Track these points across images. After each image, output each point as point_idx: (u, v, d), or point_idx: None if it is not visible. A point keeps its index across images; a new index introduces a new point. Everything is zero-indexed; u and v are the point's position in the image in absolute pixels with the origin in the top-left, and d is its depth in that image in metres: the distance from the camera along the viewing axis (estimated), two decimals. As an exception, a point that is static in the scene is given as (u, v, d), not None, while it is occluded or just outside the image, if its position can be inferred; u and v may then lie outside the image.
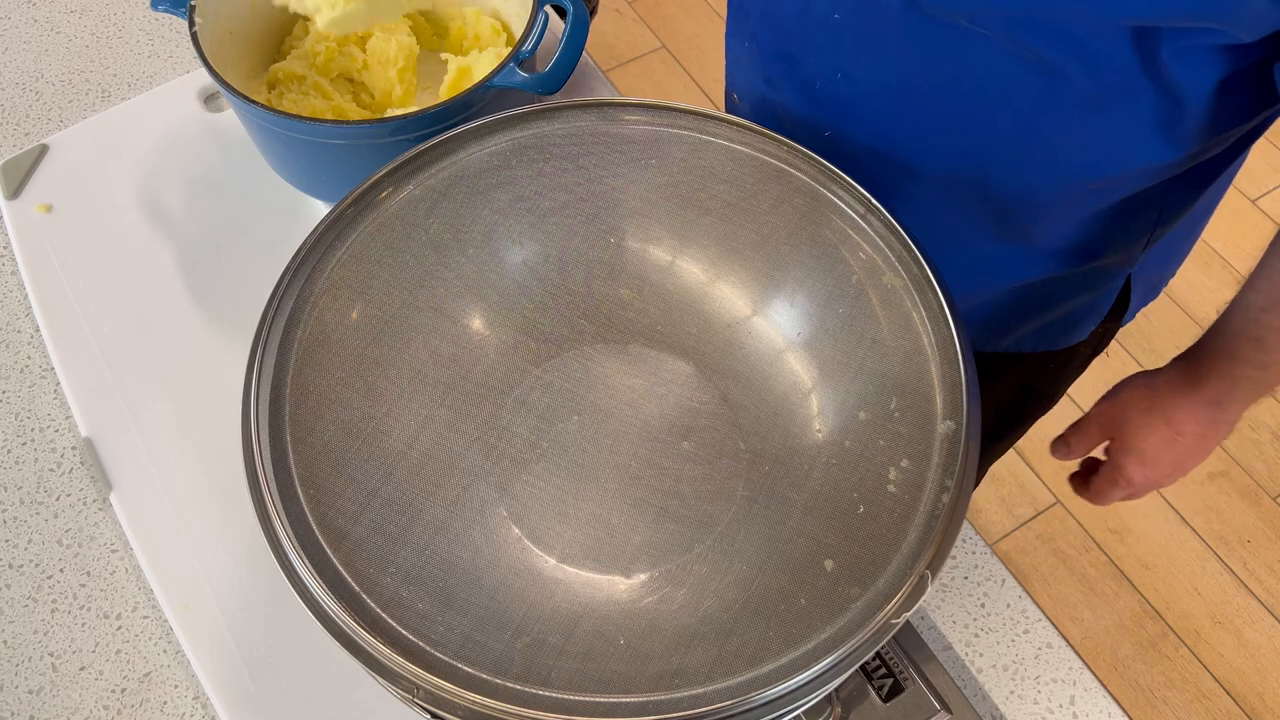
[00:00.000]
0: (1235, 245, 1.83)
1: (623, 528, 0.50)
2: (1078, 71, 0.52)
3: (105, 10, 0.94)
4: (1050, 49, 0.52)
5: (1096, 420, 0.67)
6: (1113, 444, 0.67)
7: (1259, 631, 1.48)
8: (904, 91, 0.59)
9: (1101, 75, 0.52)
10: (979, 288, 0.71)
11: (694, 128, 0.59)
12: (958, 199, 0.64)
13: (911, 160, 0.62)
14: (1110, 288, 0.73)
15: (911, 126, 0.61)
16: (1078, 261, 0.68)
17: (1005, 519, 1.58)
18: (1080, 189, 0.61)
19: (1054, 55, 0.52)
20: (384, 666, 0.43)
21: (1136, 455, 0.65)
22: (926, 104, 0.59)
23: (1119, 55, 0.51)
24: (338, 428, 0.50)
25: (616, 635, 0.46)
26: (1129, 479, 0.66)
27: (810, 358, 0.54)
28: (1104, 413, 0.67)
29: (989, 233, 0.66)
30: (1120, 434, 0.66)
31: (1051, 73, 0.53)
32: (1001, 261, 0.69)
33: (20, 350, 0.75)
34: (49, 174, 0.81)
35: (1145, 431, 0.64)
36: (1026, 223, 0.65)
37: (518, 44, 0.65)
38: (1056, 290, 0.72)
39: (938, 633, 0.64)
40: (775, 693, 0.43)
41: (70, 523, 0.68)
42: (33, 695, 0.62)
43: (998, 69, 0.54)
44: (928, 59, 0.56)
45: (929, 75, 0.57)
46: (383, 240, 0.56)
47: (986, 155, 0.60)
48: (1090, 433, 0.68)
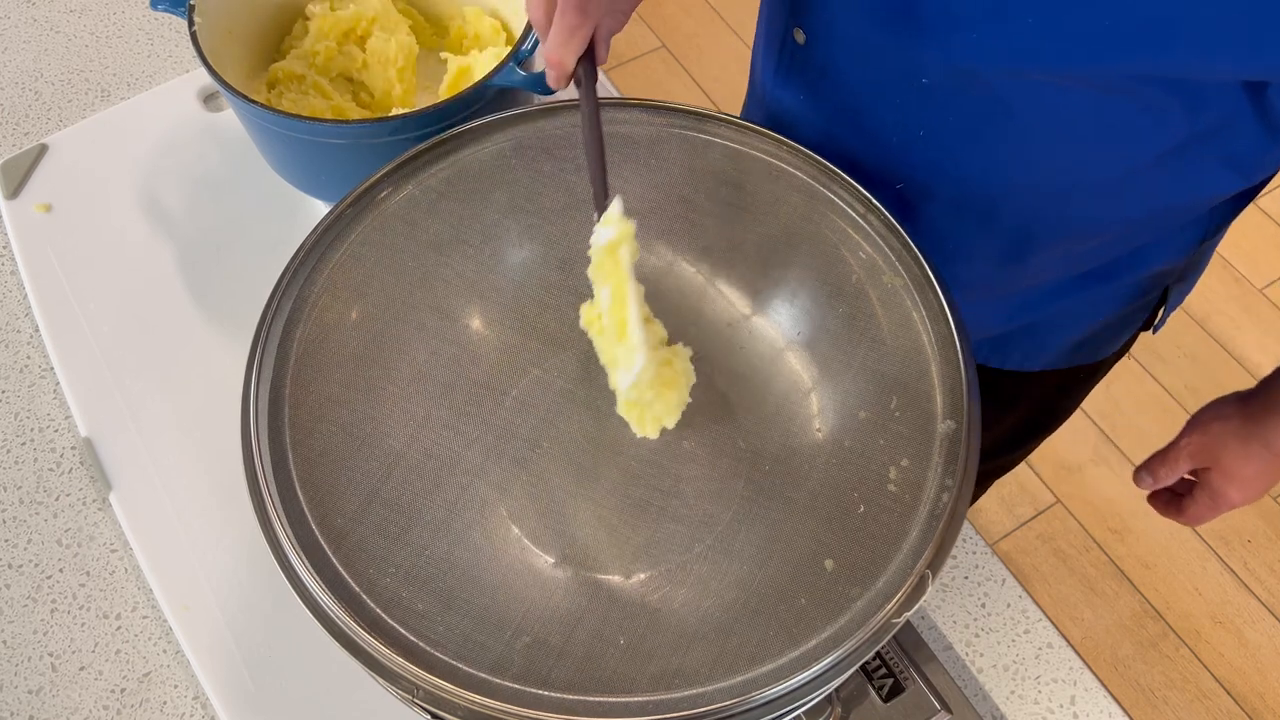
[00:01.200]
0: (1235, 245, 1.82)
1: (623, 527, 0.50)
2: (1179, 111, 0.51)
3: (105, 10, 0.94)
4: (1156, 94, 0.50)
5: (1187, 451, 0.67)
6: (1212, 473, 0.66)
7: (1259, 631, 1.48)
8: (983, 138, 0.57)
9: (1204, 115, 0.52)
10: (1025, 315, 0.71)
11: (694, 127, 0.58)
12: (1018, 238, 0.63)
13: (969, 199, 0.61)
14: (1150, 299, 0.73)
15: (984, 171, 0.59)
16: (1123, 278, 0.68)
17: (1005, 519, 1.58)
18: (1152, 216, 0.60)
19: (1158, 99, 0.51)
20: (384, 667, 0.43)
21: (1239, 482, 0.65)
22: (1005, 148, 0.57)
23: (1226, 97, 0.50)
24: (337, 428, 0.50)
25: (617, 635, 0.46)
26: (1231, 502, 0.66)
27: (810, 357, 0.54)
28: (1194, 445, 0.66)
29: (1040, 266, 0.65)
30: (1218, 463, 0.65)
31: (1149, 112, 0.52)
32: (1049, 289, 0.68)
33: (20, 350, 0.75)
34: (48, 174, 0.81)
35: (1244, 460, 0.64)
36: (1081, 254, 0.65)
37: (518, 43, 0.65)
38: (1100, 307, 0.71)
39: (938, 632, 0.64)
40: (776, 692, 0.43)
41: (70, 523, 0.68)
42: (32, 695, 0.62)
43: (1091, 115, 0.53)
44: (1021, 111, 0.54)
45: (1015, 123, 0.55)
46: (383, 240, 0.56)
47: (1057, 192, 0.59)
48: (1180, 464, 0.68)
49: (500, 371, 0.54)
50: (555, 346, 0.55)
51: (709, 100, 2.03)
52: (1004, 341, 0.73)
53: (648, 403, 0.50)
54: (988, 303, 0.68)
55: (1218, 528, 1.56)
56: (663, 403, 0.51)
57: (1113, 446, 1.64)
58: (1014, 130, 0.55)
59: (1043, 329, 0.73)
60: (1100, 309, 0.72)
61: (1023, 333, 0.73)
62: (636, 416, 0.51)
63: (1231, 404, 0.65)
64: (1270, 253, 1.82)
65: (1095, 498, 1.59)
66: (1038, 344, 0.74)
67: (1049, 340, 0.74)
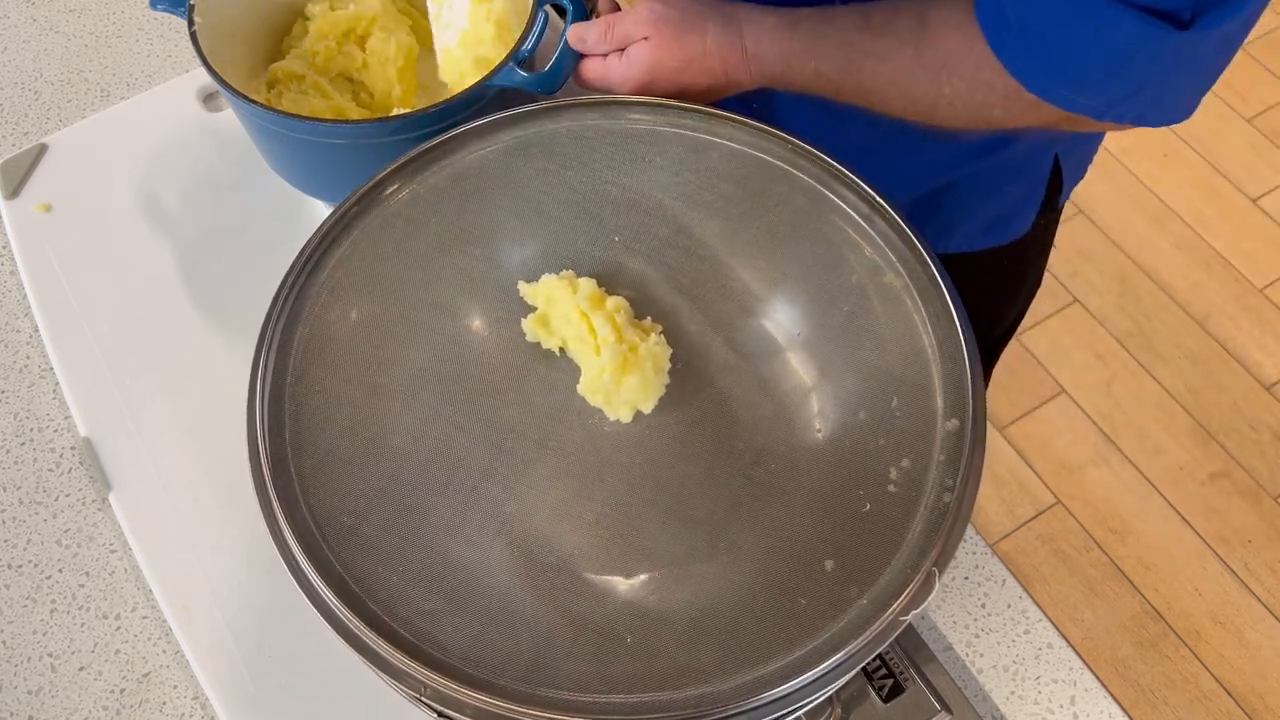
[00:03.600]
0: (1235, 245, 1.83)
1: (627, 527, 0.50)
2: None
3: (104, 9, 0.94)
4: None
5: (633, 18, 0.60)
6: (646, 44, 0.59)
7: (1260, 631, 1.48)
8: None
9: None
10: (911, 187, 0.73)
11: (696, 127, 0.58)
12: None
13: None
14: (1040, 170, 0.75)
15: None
16: (1003, 146, 0.70)
17: (1005, 519, 1.58)
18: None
19: None
20: (391, 665, 0.43)
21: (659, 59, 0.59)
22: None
23: None
24: (342, 428, 0.50)
25: (623, 634, 0.46)
26: (627, 76, 0.60)
27: (811, 357, 0.54)
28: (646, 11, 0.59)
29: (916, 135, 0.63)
30: (659, 34, 0.59)
31: None
32: (930, 159, 0.71)
33: (19, 350, 0.75)
34: (48, 174, 0.81)
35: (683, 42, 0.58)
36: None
37: (517, 43, 0.65)
38: (987, 179, 0.74)
39: (938, 633, 0.64)
40: (784, 690, 0.43)
41: (69, 523, 0.68)
42: (32, 695, 0.62)
43: None
44: None
45: None
46: (386, 240, 0.56)
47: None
48: (627, 28, 0.60)
49: (504, 371, 0.54)
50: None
51: (708, 101, 2.02)
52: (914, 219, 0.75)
53: (610, 389, 0.52)
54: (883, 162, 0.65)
55: (1218, 528, 1.56)
56: (627, 387, 0.52)
57: (1113, 446, 1.64)
58: None
59: (942, 207, 0.75)
60: (988, 182, 0.74)
61: (926, 205, 0.75)
62: (603, 401, 0.53)
63: None
64: (1270, 253, 1.82)
65: (1095, 498, 1.59)
66: (944, 224, 0.77)
67: (952, 218, 0.77)
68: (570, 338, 0.54)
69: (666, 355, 0.54)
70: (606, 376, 0.52)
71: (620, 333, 0.53)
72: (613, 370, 0.52)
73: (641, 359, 0.52)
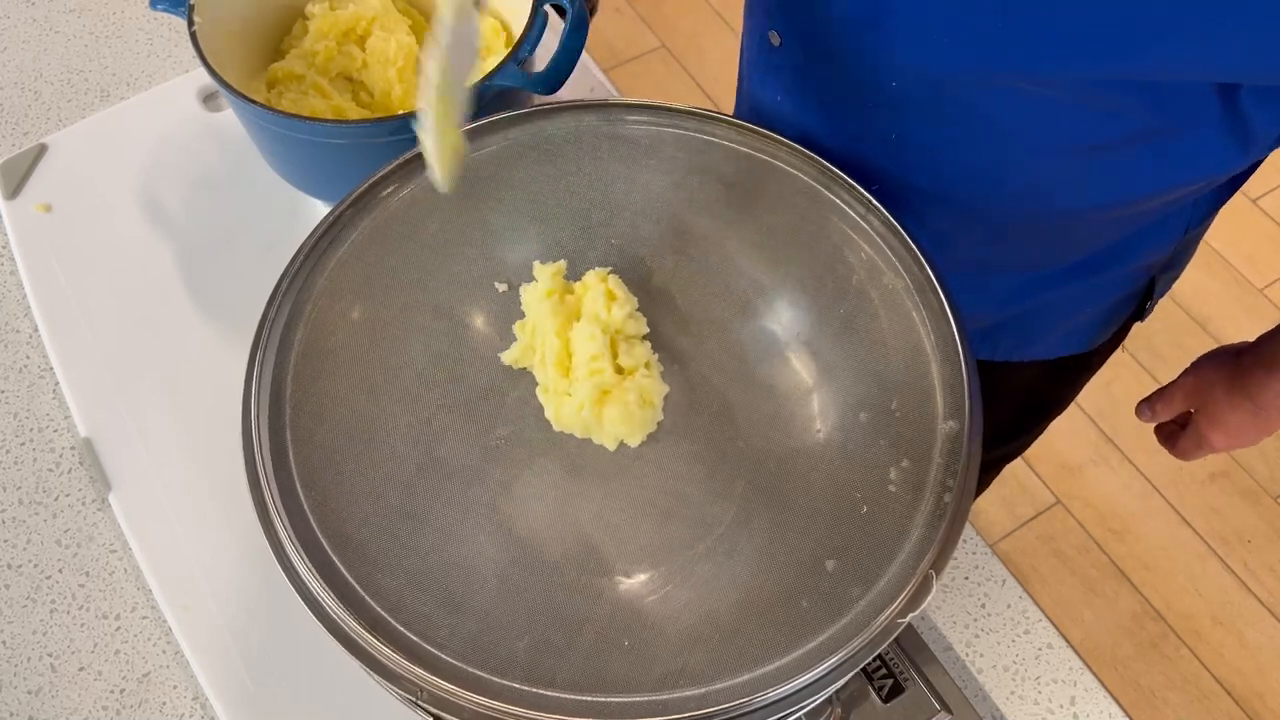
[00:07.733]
0: (1235, 245, 1.83)
1: (625, 528, 0.50)
2: (1144, 110, 0.51)
3: (104, 9, 0.93)
4: (1122, 97, 0.50)
5: (1182, 391, 0.71)
6: (1198, 415, 0.70)
7: (1259, 631, 1.48)
8: (952, 141, 0.58)
9: (1169, 113, 0.52)
10: (1013, 305, 0.72)
11: (694, 128, 0.58)
12: (998, 231, 0.64)
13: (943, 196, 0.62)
14: (1138, 289, 0.75)
15: (958, 172, 0.60)
16: (1109, 270, 0.70)
17: (1005, 519, 1.58)
18: (1128, 208, 0.61)
19: (1124, 101, 0.51)
20: (387, 668, 0.43)
21: (1222, 429, 0.68)
22: (973, 150, 0.58)
23: (1194, 98, 0.51)
24: (339, 429, 0.50)
25: (621, 636, 0.46)
26: (1213, 446, 0.70)
27: (811, 358, 0.54)
28: (1188, 386, 0.70)
29: (1023, 257, 0.67)
30: (1204, 408, 0.69)
31: (1115, 111, 0.52)
32: (1035, 280, 0.70)
33: (19, 350, 0.75)
34: (48, 174, 0.81)
35: (1228, 408, 0.67)
36: (1063, 245, 0.66)
37: (517, 44, 0.65)
38: (1087, 298, 0.73)
39: (938, 633, 0.64)
40: (781, 692, 0.43)
41: (69, 523, 0.68)
42: (31, 696, 0.62)
43: (1054, 116, 0.53)
44: (984, 116, 0.55)
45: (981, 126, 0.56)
46: (383, 240, 0.56)
47: (1031, 190, 0.59)
48: (1175, 402, 0.72)
49: (502, 373, 0.54)
50: (556, 347, 0.55)
51: (709, 100, 2.03)
52: (994, 333, 0.75)
53: (589, 422, 0.51)
54: (973, 293, 0.69)
55: (1218, 528, 1.56)
56: (609, 420, 0.51)
57: (1113, 446, 1.64)
58: (981, 134, 0.56)
59: (1031, 319, 0.75)
60: (1087, 299, 0.74)
61: (1012, 323, 0.75)
62: (580, 429, 0.52)
63: (1228, 354, 0.68)
64: (1270, 253, 1.82)
65: (1095, 498, 1.59)
66: (1027, 334, 0.76)
67: (1038, 330, 0.76)
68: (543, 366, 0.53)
69: (658, 391, 0.53)
70: (586, 411, 0.51)
71: (608, 359, 0.52)
72: (591, 403, 0.51)
73: (625, 392, 0.51)
